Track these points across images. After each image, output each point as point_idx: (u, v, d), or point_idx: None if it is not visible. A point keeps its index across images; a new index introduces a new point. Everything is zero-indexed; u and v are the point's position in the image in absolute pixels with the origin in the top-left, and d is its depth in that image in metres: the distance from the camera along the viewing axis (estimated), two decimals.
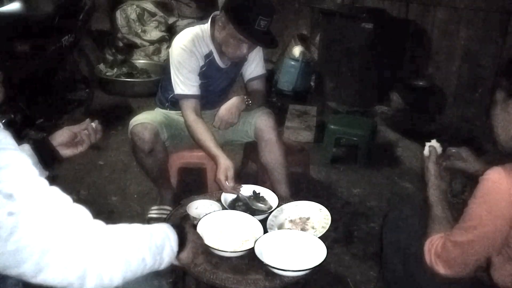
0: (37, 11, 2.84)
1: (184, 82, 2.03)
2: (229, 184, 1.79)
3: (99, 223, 0.82)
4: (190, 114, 2.04)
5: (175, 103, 2.21)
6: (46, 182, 0.77)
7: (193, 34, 2.05)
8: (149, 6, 4.81)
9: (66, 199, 0.79)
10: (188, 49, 2.02)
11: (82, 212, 0.80)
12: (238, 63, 2.20)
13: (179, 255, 1.03)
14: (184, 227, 1.09)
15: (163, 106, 2.29)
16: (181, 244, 1.02)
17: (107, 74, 4.32)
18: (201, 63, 2.07)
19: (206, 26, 2.07)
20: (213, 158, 1.93)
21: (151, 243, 0.90)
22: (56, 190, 0.79)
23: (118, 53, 4.61)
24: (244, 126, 2.17)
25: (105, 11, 4.83)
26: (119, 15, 4.74)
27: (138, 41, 4.73)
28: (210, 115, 2.24)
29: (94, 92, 3.58)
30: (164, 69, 2.28)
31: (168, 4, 4.98)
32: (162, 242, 0.93)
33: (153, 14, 4.83)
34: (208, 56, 2.09)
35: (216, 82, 2.19)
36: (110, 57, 4.58)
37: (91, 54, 3.78)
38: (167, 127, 2.10)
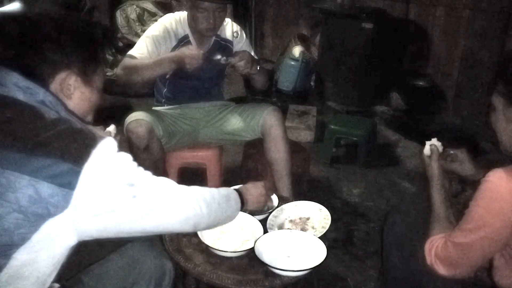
0: (37, 11, 2.84)
1: (139, 46, 2.07)
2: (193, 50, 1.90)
3: (190, 187, 1.09)
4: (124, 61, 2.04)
5: (170, 98, 2.26)
6: (149, 172, 1.00)
7: (173, 17, 2.16)
8: (149, 6, 4.81)
9: (167, 179, 1.05)
10: (163, 25, 2.11)
11: (173, 182, 1.06)
12: (224, 52, 2.19)
13: (246, 207, 1.40)
14: (238, 189, 1.39)
15: (160, 104, 2.31)
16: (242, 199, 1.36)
17: (107, 74, 4.32)
18: (173, 43, 2.12)
19: (185, 12, 2.14)
20: (171, 60, 1.96)
21: (220, 196, 1.22)
22: (164, 178, 1.04)
23: (118, 53, 4.61)
24: (251, 122, 2.18)
25: (105, 11, 4.83)
26: (119, 15, 4.74)
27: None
28: (197, 110, 2.25)
29: None
30: None
31: (168, 4, 4.98)
32: (227, 195, 1.27)
33: (153, 14, 4.82)
34: (183, 40, 2.13)
35: (198, 66, 2.16)
36: (110, 57, 4.57)
37: None
38: (162, 124, 2.10)
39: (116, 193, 0.91)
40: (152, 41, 2.07)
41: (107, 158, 0.90)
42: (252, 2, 5.00)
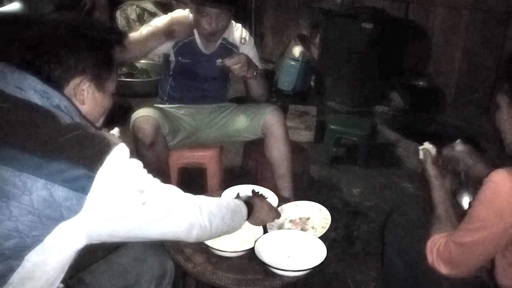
0: (37, 11, 2.85)
1: (139, 30, 2.09)
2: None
3: (196, 197, 1.12)
4: None
5: (173, 96, 2.26)
6: (157, 180, 1.02)
7: (182, 14, 2.16)
8: (149, 6, 4.81)
9: (175, 188, 1.07)
10: (170, 19, 2.11)
11: (180, 191, 1.08)
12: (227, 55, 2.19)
13: (249, 220, 1.40)
14: (252, 203, 1.42)
15: (162, 101, 2.32)
16: (250, 212, 1.38)
17: None
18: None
19: None
20: (162, 30, 1.99)
21: (228, 209, 1.23)
22: (171, 186, 1.06)
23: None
24: (252, 122, 2.18)
25: (105, 11, 4.84)
26: (119, 15, 4.75)
27: None
28: (199, 110, 2.25)
29: None
30: (162, 65, 2.31)
31: (168, 4, 4.99)
32: (235, 209, 1.28)
33: (153, 14, 4.83)
34: (188, 37, 2.15)
35: (201, 66, 2.18)
36: None
37: None
38: (167, 121, 2.11)
39: (127, 199, 0.93)
40: (153, 29, 2.07)
41: (119, 165, 0.92)
42: (252, 2, 5.00)
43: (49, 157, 0.87)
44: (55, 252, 0.90)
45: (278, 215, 1.56)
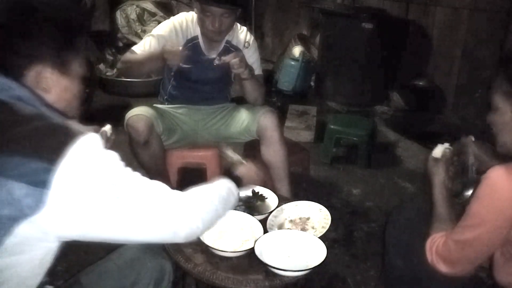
0: None
1: (142, 43, 2.12)
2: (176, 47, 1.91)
3: (179, 192, 1.03)
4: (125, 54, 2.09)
5: (173, 96, 2.26)
6: (138, 173, 0.94)
7: (185, 16, 2.15)
8: (149, 6, 4.81)
9: (160, 183, 0.98)
10: (171, 24, 2.12)
11: (166, 187, 0.99)
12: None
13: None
14: (240, 176, 1.42)
15: (162, 101, 2.32)
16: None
17: (107, 74, 4.32)
18: (181, 42, 2.11)
19: None
20: (158, 56, 1.97)
21: (220, 197, 1.17)
22: (156, 181, 0.97)
23: (118, 53, 4.62)
24: (247, 125, 2.17)
25: (105, 11, 4.84)
26: (119, 15, 4.74)
27: (138, 41, 4.70)
28: (197, 112, 2.24)
29: (94, 92, 3.58)
30: (165, 66, 2.31)
31: (168, 4, 4.98)
32: (227, 196, 1.22)
33: (153, 14, 4.83)
34: (192, 40, 2.14)
35: (201, 69, 2.17)
36: (110, 57, 4.57)
37: (91, 54, 3.78)
38: (162, 120, 2.11)
39: (96, 193, 0.84)
40: (156, 40, 2.08)
41: (85, 156, 0.83)
42: (252, 2, 5.00)
43: (4, 151, 0.79)
44: (24, 253, 0.84)
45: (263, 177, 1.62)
